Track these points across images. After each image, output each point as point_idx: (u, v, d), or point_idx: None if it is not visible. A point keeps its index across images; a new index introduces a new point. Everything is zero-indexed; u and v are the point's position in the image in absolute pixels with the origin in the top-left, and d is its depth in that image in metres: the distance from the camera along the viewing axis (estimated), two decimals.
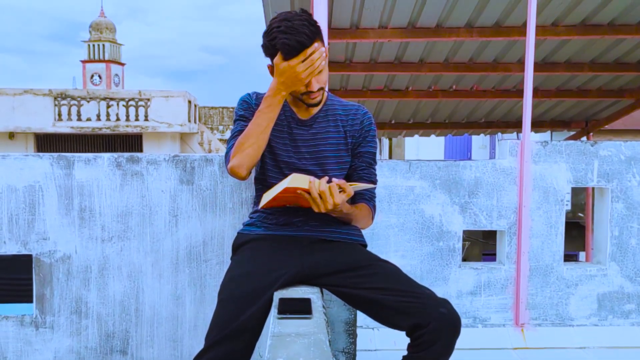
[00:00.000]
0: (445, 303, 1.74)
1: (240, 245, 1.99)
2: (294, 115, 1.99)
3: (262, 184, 2.01)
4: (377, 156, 2.08)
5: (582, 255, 10.65)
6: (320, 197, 1.72)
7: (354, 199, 2.03)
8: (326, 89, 2.12)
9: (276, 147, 1.95)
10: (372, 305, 1.80)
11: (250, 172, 1.88)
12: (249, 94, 2.03)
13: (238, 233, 2.05)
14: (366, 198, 2.04)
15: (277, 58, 1.80)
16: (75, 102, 19.10)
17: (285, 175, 1.91)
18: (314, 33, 1.79)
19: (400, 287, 1.77)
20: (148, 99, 19.40)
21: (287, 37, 1.75)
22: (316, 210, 1.74)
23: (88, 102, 19.18)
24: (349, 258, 1.86)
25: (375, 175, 2.08)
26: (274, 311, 1.65)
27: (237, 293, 1.75)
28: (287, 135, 1.97)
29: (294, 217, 1.93)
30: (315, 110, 2.01)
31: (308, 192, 1.72)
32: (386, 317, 1.79)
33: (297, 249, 1.89)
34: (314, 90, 1.86)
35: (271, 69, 1.87)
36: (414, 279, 1.85)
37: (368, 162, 2.04)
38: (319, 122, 1.99)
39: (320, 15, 2.59)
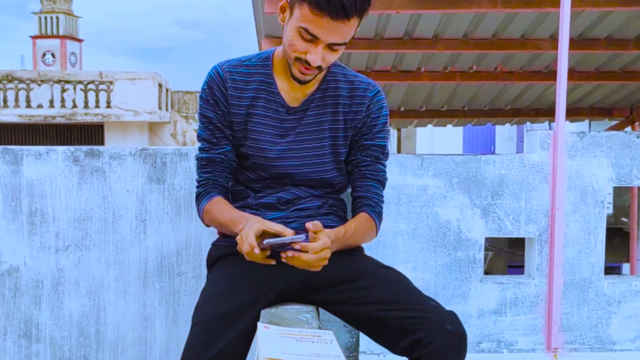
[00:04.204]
0: (452, 317, 1.75)
1: (215, 260, 1.99)
2: (283, 102, 1.92)
3: (239, 185, 2.02)
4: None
5: (625, 267, 10.68)
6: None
7: (354, 208, 2.02)
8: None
9: (259, 143, 1.93)
10: (373, 325, 1.81)
11: None
12: (216, 70, 1.93)
13: (213, 245, 2.04)
14: (370, 204, 1.99)
15: (304, 9, 1.68)
16: (24, 86, 19.04)
17: (265, 178, 1.95)
18: (362, 7, 1.69)
19: (402, 298, 1.78)
20: (111, 82, 19.36)
21: None
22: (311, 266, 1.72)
23: (39, 85, 19.14)
24: (346, 267, 1.87)
25: (385, 172, 2.03)
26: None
27: (213, 315, 1.73)
28: (273, 128, 1.93)
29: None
30: (311, 88, 1.93)
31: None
32: (386, 337, 1.80)
33: (284, 262, 1.88)
34: (312, 65, 1.76)
35: (283, 8, 1.78)
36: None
37: (375, 156, 1.98)
38: (315, 108, 1.93)
39: None
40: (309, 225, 1.68)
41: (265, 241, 1.67)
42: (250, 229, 1.69)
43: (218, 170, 1.95)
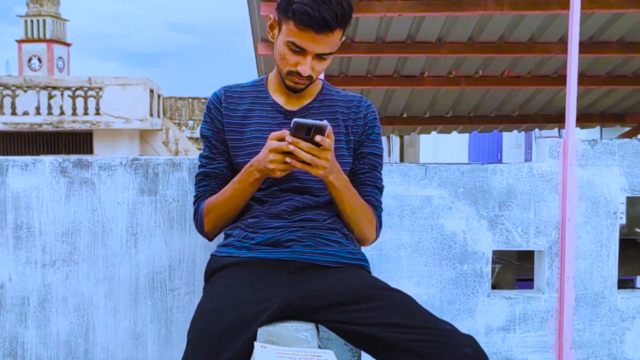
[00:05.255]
0: (470, 341, 1.75)
1: (213, 272, 2.00)
2: (280, 108, 2.05)
3: None
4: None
5: None
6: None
7: None
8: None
9: (258, 149, 1.96)
10: (379, 346, 1.80)
11: None
12: (214, 93, 2.12)
13: (211, 256, 2.06)
14: (372, 204, 2.08)
15: (289, 24, 1.85)
16: (9, 92, 19.08)
17: (269, 186, 1.99)
18: (343, 19, 1.85)
19: (415, 322, 1.77)
20: (100, 88, 19.41)
21: (312, 4, 1.80)
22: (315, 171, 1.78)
23: (25, 91, 19.18)
24: (350, 287, 1.87)
25: (381, 180, 2.13)
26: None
27: (210, 331, 1.74)
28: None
29: (283, 236, 1.94)
30: (308, 99, 2.07)
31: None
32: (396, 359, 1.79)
33: (285, 275, 1.90)
34: (303, 75, 1.91)
35: (272, 25, 1.96)
36: (432, 312, 1.85)
37: (372, 164, 2.10)
38: (313, 115, 2.04)
39: None
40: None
41: (294, 120, 1.73)
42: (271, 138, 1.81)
43: (214, 183, 2.08)
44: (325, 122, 1.72)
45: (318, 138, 1.72)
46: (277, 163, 1.79)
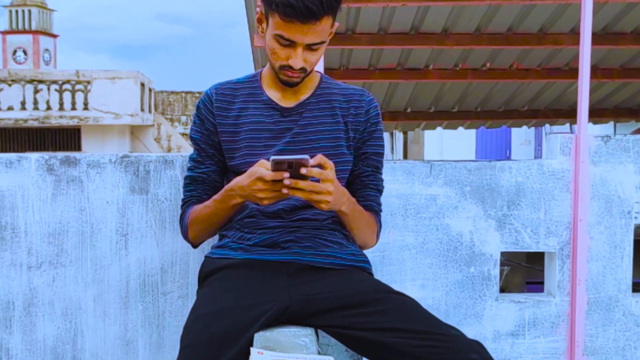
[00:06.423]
0: (477, 347, 1.76)
1: (208, 274, 2.00)
2: (275, 105, 2.03)
3: None
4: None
5: None
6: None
7: None
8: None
9: (253, 150, 1.96)
10: (382, 351, 1.80)
11: None
12: (205, 92, 2.11)
13: (206, 258, 2.07)
14: (374, 209, 2.08)
15: (275, 17, 1.83)
16: None
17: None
18: (330, 5, 1.82)
19: (419, 327, 1.78)
20: (88, 82, 19.41)
21: None
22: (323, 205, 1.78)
23: (9, 85, 19.18)
24: (351, 290, 1.87)
25: (382, 180, 2.14)
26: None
27: (204, 337, 1.74)
28: (268, 132, 2.00)
29: (281, 237, 1.94)
30: (304, 94, 2.05)
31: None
32: None
33: (284, 278, 1.90)
34: (295, 68, 1.90)
35: (260, 19, 1.95)
36: (438, 316, 1.85)
37: (375, 165, 2.09)
38: (311, 110, 2.03)
39: None
40: (312, 161, 1.74)
41: (271, 157, 1.71)
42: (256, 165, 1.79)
43: (200, 188, 2.09)
44: (304, 156, 1.71)
45: (303, 170, 1.70)
46: (267, 193, 1.77)
